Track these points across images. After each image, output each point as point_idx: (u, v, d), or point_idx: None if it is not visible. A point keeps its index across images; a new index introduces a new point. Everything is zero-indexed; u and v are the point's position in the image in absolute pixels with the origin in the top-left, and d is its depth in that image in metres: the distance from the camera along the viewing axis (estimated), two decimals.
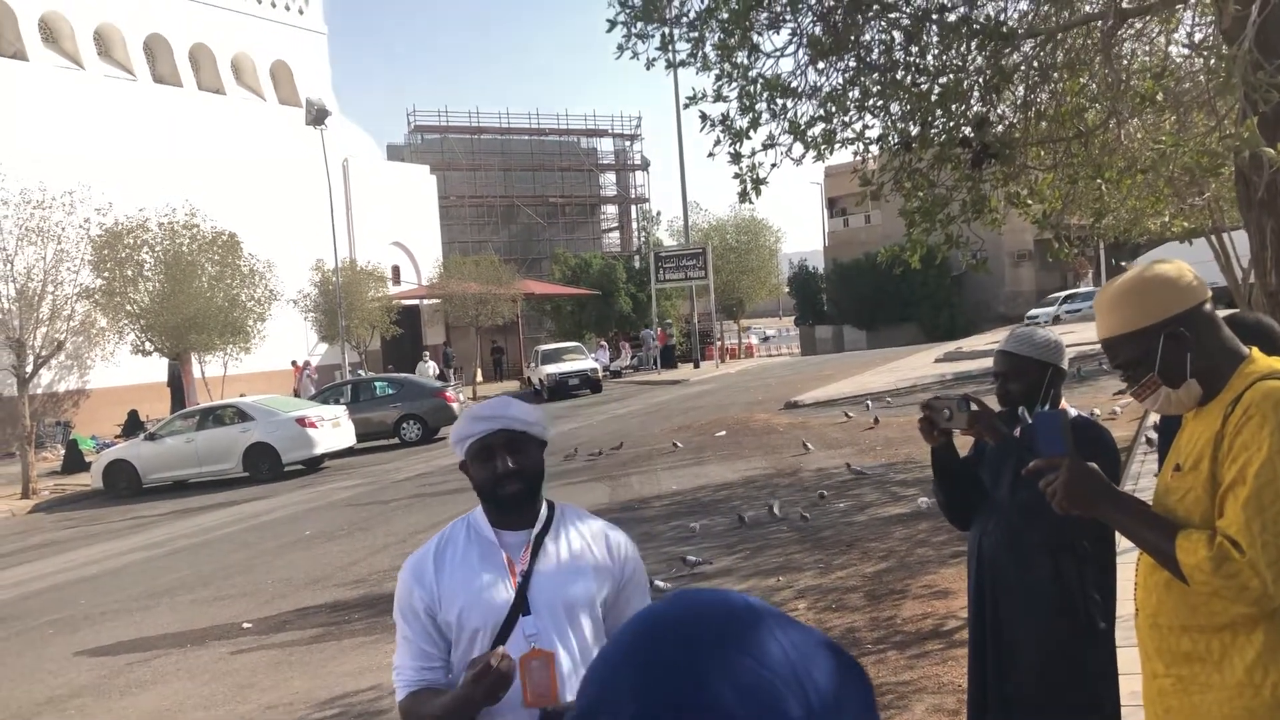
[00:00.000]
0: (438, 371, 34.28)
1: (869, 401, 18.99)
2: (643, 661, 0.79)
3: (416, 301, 42.11)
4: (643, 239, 52.18)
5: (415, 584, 2.43)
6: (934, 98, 5.76)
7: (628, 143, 61.91)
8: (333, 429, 20.81)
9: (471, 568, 2.40)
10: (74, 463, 24.22)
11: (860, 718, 0.79)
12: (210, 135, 35.19)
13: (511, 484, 2.40)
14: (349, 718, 6.45)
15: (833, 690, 0.78)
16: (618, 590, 2.46)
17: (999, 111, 6.64)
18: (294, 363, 32.91)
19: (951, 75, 5.93)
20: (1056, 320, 38.95)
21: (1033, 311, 41.22)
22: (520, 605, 2.35)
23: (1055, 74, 6.81)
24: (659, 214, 51.85)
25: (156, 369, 29.78)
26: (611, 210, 63.82)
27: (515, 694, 2.28)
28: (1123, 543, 3.74)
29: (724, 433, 17.15)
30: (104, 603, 10.73)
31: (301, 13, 41.06)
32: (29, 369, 21.46)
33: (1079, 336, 21.42)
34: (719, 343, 41.92)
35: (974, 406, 3.33)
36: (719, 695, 0.75)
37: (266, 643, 8.48)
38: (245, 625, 9.02)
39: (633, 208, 61.82)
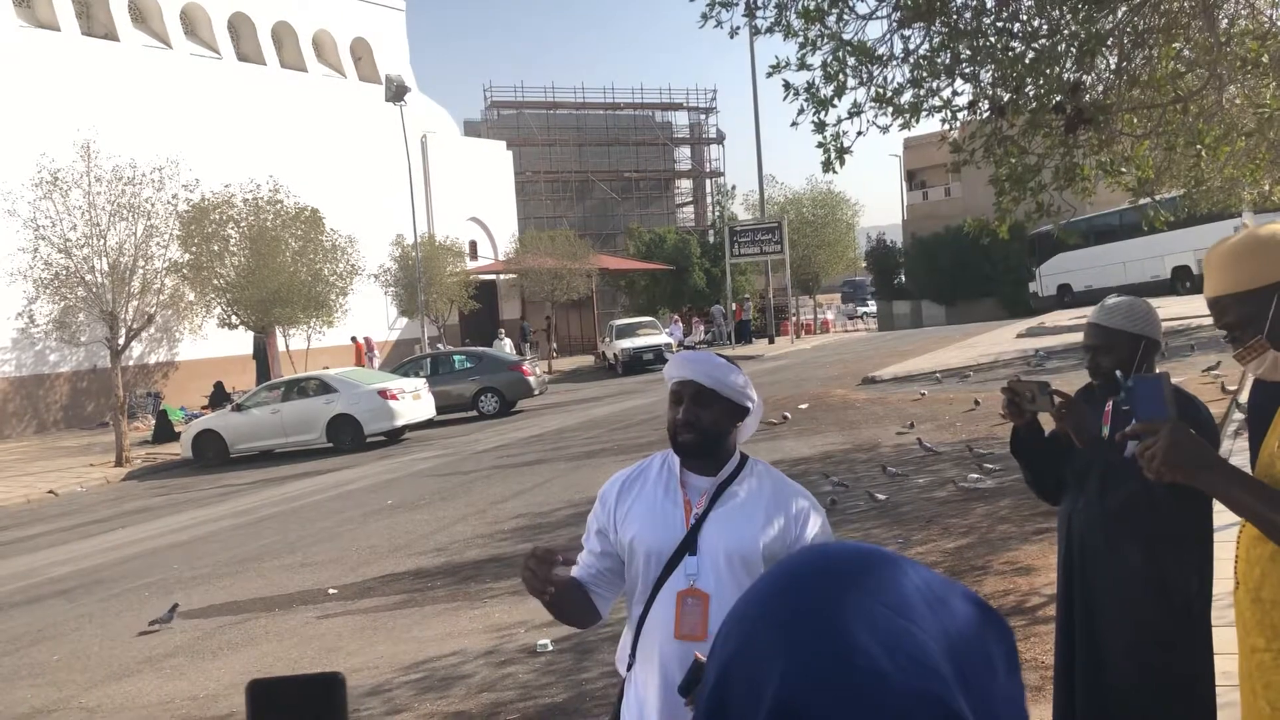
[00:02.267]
0: (513, 348, 34.39)
1: (938, 375, 18.73)
2: (783, 620, 0.77)
3: (493, 276, 42.48)
4: (717, 213, 51.93)
5: (600, 505, 2.65)
6: (1026, 62, 5.61)
7: (703, 116, 61.63)
8: (413, 401, 21.14)
9: (654, 500, 2.56)
10: (164, 432, 24.96)
11: (1003, 660, 0.78)
12: (292, 112, 35.82)
13: (682, 433, 2.52)
14: (433, 681, 6.57)
15: (974, 632, 0.77)
16: (790, 549, 2.50)
17: (1092, 77, 6.45)
18: (354, 339, 33.13)
19: (1045, 40, 5.77)
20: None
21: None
22: (688, 545, 2.48)
23: (1151, 38, 6.59)
24: (734, 188, 51.59)
25: (242, 342, 30.53)
26: (686, 184, 63.65)
27: (669, 625, 2.45)
28: (1219, 520, 3.65)
29: (806, 405, 17.04)
30: (196, 567, 11.06)
31: None
32: (121, 341, 22.12)
33: (1165, 312, 20.83)
34: (794, 318, 41.60)
35: (1058, 399, 3.25)
36: (865, 651, 0.73)
37: (352, 608, 8.68)
38: (331, 591, 9.24)
39: (707, 181, 61.57)
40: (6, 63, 28.43)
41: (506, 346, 30.63)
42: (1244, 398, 9.88)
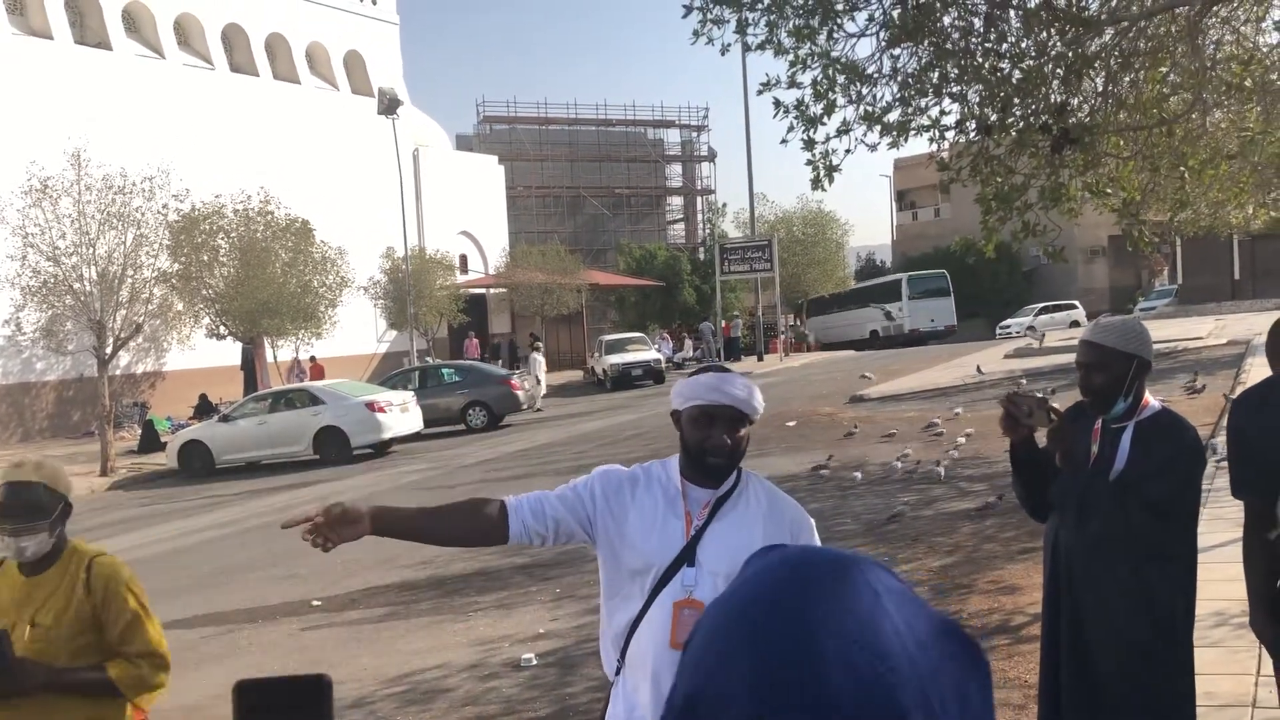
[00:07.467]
0: (543, 364, 32.57)
1: (925, 394, 18.74)
2: (753, 651, 0.74)
3: (483, 290, 42.46)
4: (708, 230, 52.04)
5: (596, 485, 2.63)
6: (1013, 83, 5.66)
7: (694, 134, 61.82)
8: (401, 414, 21.08)
9: (655, 510, 2.59)
10: (150, 442, 24.80)
11: (978, 707, 0.75)
12: (285, 124, 35.79)
13: (719, 457, 2.55)
14: (416, 694, 6.55)
15: (952, 683, 0.74)
16: None
17: (1079, 98, 6.52)
18: (298, 359, 30.08)
19: (1032, 61, 5.83)
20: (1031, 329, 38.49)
21: (1005, 322, 41.41)
22: (686, 556, 2.52)
23: (1137, 61, 6.66)
24: (724, 205, 51.53)
25: (230, 353, 30.38)
26: (677, 201, 63.78)
27: (664, 634, 2.48)
28: (1204, 541, 3.68)
29: (793, 423, 17.06)
30: (179, 578, 10.99)
31: (374, 3, 41.56)
32: (108, 350, 22.01)
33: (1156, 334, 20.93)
34: (783, 336, 41.66)
35: (1053, 416, 3.27)
36: (836, 693, 0.71)
37: (335, 620, 8.64)
38: (315, 603, 9.20)
39: (698, 199, 61.71)
40: None
41: (541, 365, 30.20)
42: (1224, 421, 9.94)
